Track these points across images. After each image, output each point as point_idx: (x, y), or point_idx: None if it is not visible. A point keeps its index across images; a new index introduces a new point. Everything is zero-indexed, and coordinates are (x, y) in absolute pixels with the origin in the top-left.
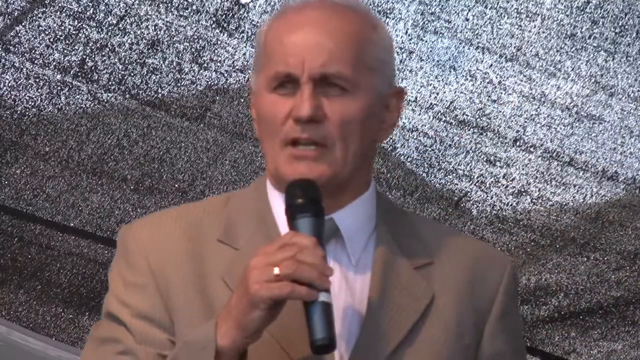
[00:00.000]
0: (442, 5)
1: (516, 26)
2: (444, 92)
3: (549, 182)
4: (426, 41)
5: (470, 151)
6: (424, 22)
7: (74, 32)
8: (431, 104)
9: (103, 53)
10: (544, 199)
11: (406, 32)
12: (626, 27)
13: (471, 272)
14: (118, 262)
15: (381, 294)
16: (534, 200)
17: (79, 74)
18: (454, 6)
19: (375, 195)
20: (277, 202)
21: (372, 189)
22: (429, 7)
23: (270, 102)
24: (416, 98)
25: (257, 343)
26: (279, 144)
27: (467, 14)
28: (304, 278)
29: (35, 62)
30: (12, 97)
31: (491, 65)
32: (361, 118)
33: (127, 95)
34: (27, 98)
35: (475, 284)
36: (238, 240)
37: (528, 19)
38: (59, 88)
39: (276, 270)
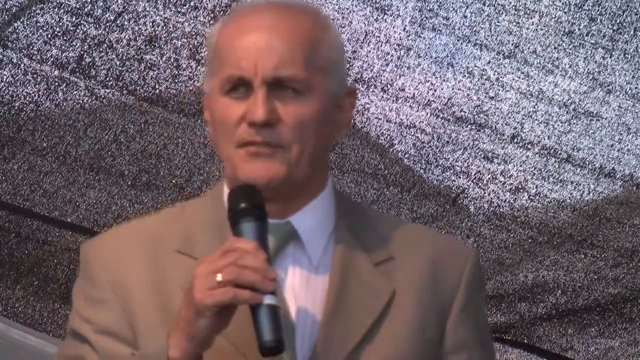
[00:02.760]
0: (440, 2)
1: (514, 23)
2: (442, 89)
3: (546, 179)
4: (424, 38)
5: (468, 148)
6: (421, 19)
7: (71, 28)
8: (429, 100)
9: (101, 49)
10: (542, 195)
11: (404, 28)
12: (624, 24)
13: (432, 265)
14: (80, 280)
15: (341, 292)
16: (531, 197)
17: (77, 70)
18: (452, 3)
19: (334, 194)
20: None
21: (329, 188)
22: (427, 4)
23: (223, 105)
24: (414, 95)
25: (214, 348)
26: (233, 146)
27: (465, 10)
28: (246, 282)
29: (33, 58)
30: (10, 92)
31: (489, 62)
32: (316, 120)
33: (125, 91)
34: (25, 94)
35: (437, 277)
36: (196, 249)
37: (526, 16)
38: (56, 84)
39: (219, 277)
